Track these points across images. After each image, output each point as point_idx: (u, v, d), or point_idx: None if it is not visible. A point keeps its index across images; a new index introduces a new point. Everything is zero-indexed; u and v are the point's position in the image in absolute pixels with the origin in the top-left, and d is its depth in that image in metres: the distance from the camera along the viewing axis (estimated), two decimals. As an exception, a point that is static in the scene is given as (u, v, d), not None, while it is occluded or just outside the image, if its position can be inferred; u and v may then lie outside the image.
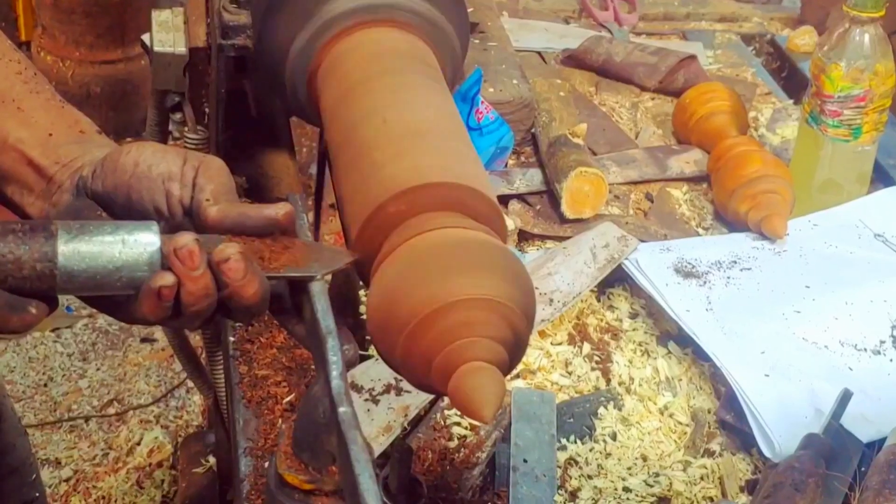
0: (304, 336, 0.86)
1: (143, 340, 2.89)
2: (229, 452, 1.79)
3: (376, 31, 1.02)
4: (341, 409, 0.74)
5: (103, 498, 2.45)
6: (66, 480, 2.49)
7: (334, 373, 0.76)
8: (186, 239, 0.75)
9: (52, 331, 2.88)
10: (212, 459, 2.04)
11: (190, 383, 2.73)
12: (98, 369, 2.80)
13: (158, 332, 2.89)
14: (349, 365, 0.79)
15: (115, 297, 0.79)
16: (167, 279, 0.75)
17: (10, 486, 1.52)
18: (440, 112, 0.94)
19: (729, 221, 1.51)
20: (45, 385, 2.75)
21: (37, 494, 1.59)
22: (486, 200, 0.86)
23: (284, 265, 0.80)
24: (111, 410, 2.69)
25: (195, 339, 2.21)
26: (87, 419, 2.66)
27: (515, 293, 0.79)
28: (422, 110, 0.93)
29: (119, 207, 0.82)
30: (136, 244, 0.76)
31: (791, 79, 1.97)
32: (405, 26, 1.04)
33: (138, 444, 2.58)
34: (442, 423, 1.17)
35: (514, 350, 0.79)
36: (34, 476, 1.59)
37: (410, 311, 0.77)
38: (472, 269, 0.78)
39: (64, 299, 2.94)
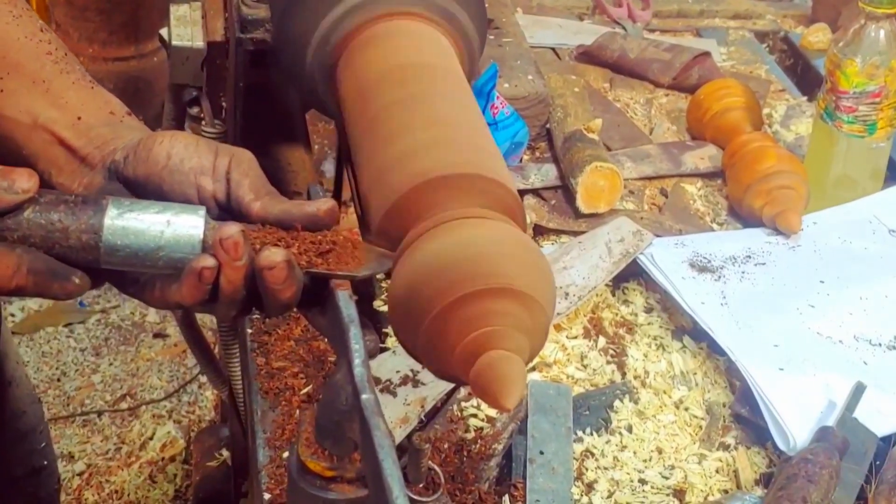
0: (324, 325, 0.87)
1: (156, 336, 2.90)
2: (244, 445, 1.80)
3: (396, 23, 1.03)
4: (364, 396, 0.74)
5: (116, 492, 2.46)
6: (79, 474, 2.51)
7: (357, 360, 0.76)
8: (233, 230, 0.77)
9: (65, 326, 2.89)
10: (225, 453, 2.05)
11: (202, 378, 2.74)
12: (111, 364, 2.81)
13: (171, 328, 2.90)
14: (370, 355, 0.79)
15: (152, 280, 0.81)
16: (209, 261, 0.77)
17: (19, 452, 1.53)
18: (461, 105, 0.95)
19: (743, 217, 1.52)
20: (59, 380, 2.76)
21: (45, 462, 1.60)
22: (510, 192, 0.87)
23: (328, 266, 0.81)
24: (124, 405, 2.71)
25: (207, 333, 2.22)
26: (99, 414, 2.67)
27: (538, 284, 0.79)
28: (444, 103, 0.93)
29: (150, 195, 0.83)
30: (181, 226, 0.78)
31: (804, 76, 1.97)
32: (424, 19, 1.04)
33: (151, 438, 2.60)
34: (459, 414, 1.17)
35: (535, 340, 0.80)
36: (44, 444, 1.60)
37: (435, 298, 0.78)
38: (496, 258, 0.78)
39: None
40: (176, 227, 0.78)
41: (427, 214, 0.84)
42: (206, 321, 2.15)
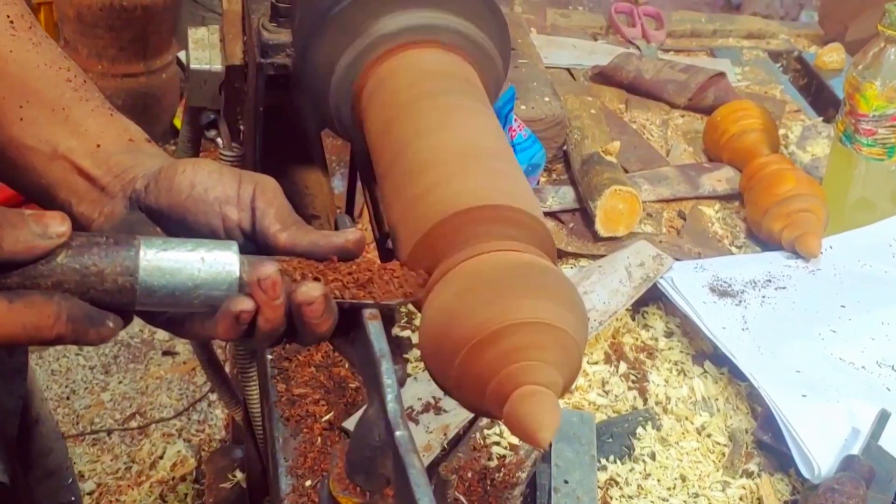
0: (352, 354, 0.86)
1: (165, 353, 2.90)
2: (260, 468, 1.79)
3: (422, 51, 1.02)
4: (398, 433, 0.74)
5: (126, 511, 2.46)
6: (90, 494, 2.50)
7: (389, 396, 0.76)
8: (270, 270, 0.76)
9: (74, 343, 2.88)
10: (239, 474, 2.04)
11: (212, 396, 2.73)
12: (120, 382, 2.81)
13: (180, 346, 2.89)
14: (399, 384, 0.79)
15: (184, 315, 0.80)
16: (247, 304, 0.76)
17: (46, 489, 1.53)
18: (488, 133, 0.94)
19: (762, 240, 1.51)
20: (68, 398, 2.75)
21: (72, 499, 1.59)
22: (538, 223, 0.86)
23: (371, 297, 0.81)
24: (133, 423, 2.70)
25: (219, 351, 2.22)
26: (109, 432, 2.66)
27: (570, 318, 0.79)
28: (470, 132, 0.93)
29: (173, 225, 0.82)
30: (216, 263, 0.77)
31: (819, 96, 1.97)
32: (450, 48, 1.04)
33: (161, 457, 2.59)
34: (482, 442, 1.17)
35: (568, 374, 0.79)
36: (70, 480, 1.59)
37: (467, 333, 0.77)
38: (528, 292, 0.78)
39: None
40: (211, 264, 0.77)
41: (458, 247, 0.83)
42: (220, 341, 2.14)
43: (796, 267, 1.44)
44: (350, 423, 1.17)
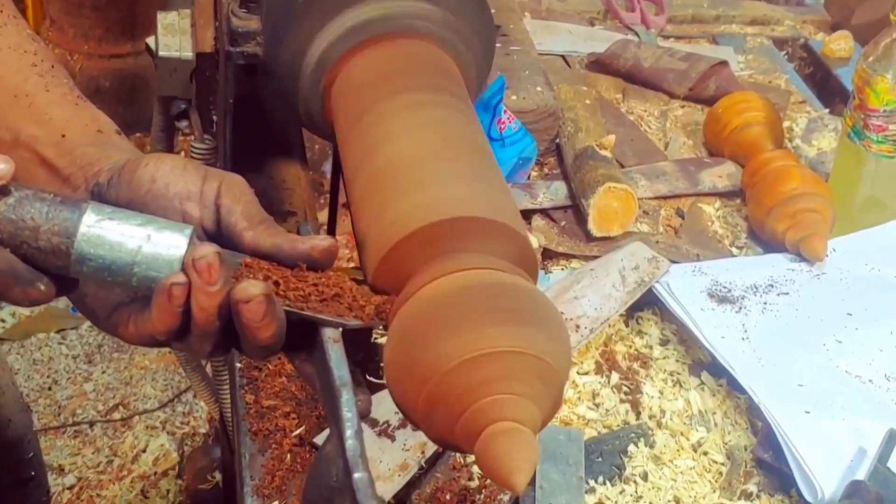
0: (311, 375, 0.79)
1: (150, 343, 2.82)
2: (234, 471, 1.72)
3: (394, 43, 0.94)
4: (356, 476, 0.66)
5: (107, 507, 2.39)
6: (70, 488, 2.43)
7: (349, 432, 0.68)
8: (207, 250, 0.70)
9: (58, 332, 2.81)
10: (218, 475, 1.97)
11: (197, 388, 2.66)
12: (104, 372, 2.73)
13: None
14: (361, 416, 0.72)
15: (126, 314, 0.76)
16: (180, 277, 0.70)
17: (6, 462, 1.47)
18: (461, 135, 0.86)
19: (765, 240, 1.43)
20: (50, 388, 2.68)
21: (33, 473, 1.53)
22: (516, 235, 0.79)
23: (322, 312, 0.74)
24: (116, 415, 2.63)
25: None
26: (91, 424, 2.60)
27: (549, 345, 0.71)
28: (440, 134, 0.85)
29: None
30: (162, 243, 0.72)
31: (826, 86, 1.88)
32: (426, 38, 0.96)
33: (144, 451, 2.52)
34: (462, 461, 1.09)
35: (547, 409, 0.71)
36: (32, 454, 1.54)
37: (433, 364, 0.70)
38: (502, 317, 0.70)
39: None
40: (156, 243, 0.71)
41: (426, 264, 0.76)
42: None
43: (800, 271, 1.36)
44: (321, 439, 1.10)
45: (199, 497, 1.92)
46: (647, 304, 1.32)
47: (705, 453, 1.15)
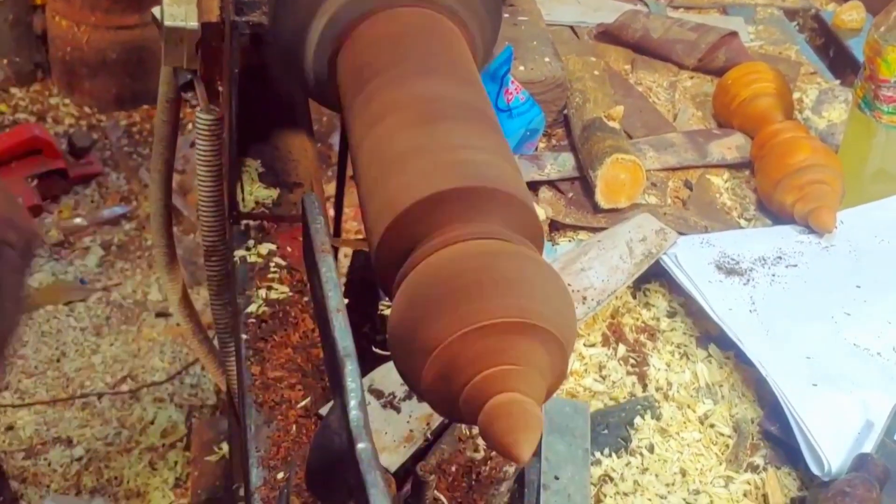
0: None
1: (158, 315, 2.82)
2: (240, 444, 1.72)
3: (400, 12, 0.93)
4: (360, 446, 0.66)
5: (115, 478, 2.39)
6: (78, 460, 2.44)
7: (352, 402, 0.68)
8: None
9: (66, 304, 2.81)
10: (224, 447, 1.97)
11: (205, 360, 2.66)
12: (112, 345, 2.74)
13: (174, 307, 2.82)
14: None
15: None
16: None
17: None
18: (467, 105, 0.85)
19: (773, 212, 1.42)
20: (58, 360, 2.68)
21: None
22: (522, 205, 0.78)
23: None
24: (124, 387, 2.63)
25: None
26: (99, 396, 2.60)
27: (554, 315, 0.70)
28: (446, 104, 0.84)
29: None
30: None
31: (837, 57, 1.87)
32: (432, 6, 0.95)
33: (152, 423, 2.53)
34: (467, 432, 1.08)
35: (552, 380, 0.71)
36: None
37: (437, 334, 0.69)
38: (507, 288, 0.70)
39: (77, 270, 2.82)
40: None
41: (436, 231, 0.75)
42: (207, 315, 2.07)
43: (809, 243, 1.35)
44: (327, 410, 1.09)
45: (205, 469, 1.92)
46: (654, 275, 1.31)
47: (712, 426, 1.15)
